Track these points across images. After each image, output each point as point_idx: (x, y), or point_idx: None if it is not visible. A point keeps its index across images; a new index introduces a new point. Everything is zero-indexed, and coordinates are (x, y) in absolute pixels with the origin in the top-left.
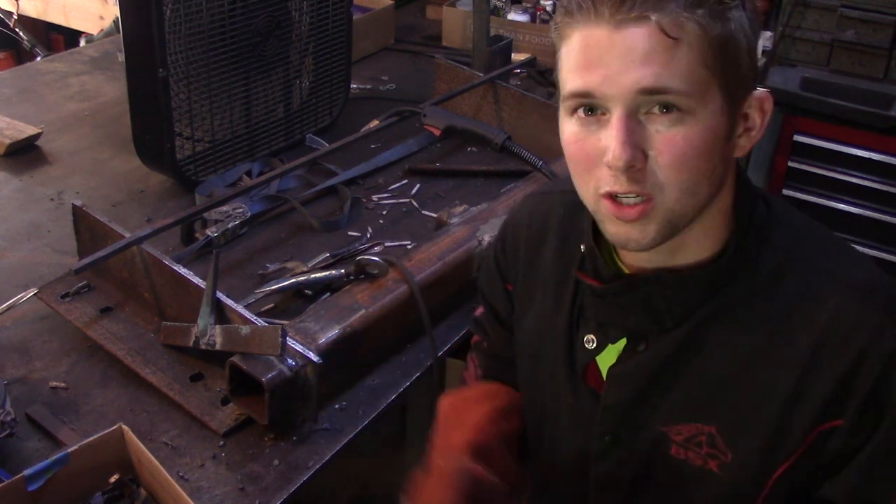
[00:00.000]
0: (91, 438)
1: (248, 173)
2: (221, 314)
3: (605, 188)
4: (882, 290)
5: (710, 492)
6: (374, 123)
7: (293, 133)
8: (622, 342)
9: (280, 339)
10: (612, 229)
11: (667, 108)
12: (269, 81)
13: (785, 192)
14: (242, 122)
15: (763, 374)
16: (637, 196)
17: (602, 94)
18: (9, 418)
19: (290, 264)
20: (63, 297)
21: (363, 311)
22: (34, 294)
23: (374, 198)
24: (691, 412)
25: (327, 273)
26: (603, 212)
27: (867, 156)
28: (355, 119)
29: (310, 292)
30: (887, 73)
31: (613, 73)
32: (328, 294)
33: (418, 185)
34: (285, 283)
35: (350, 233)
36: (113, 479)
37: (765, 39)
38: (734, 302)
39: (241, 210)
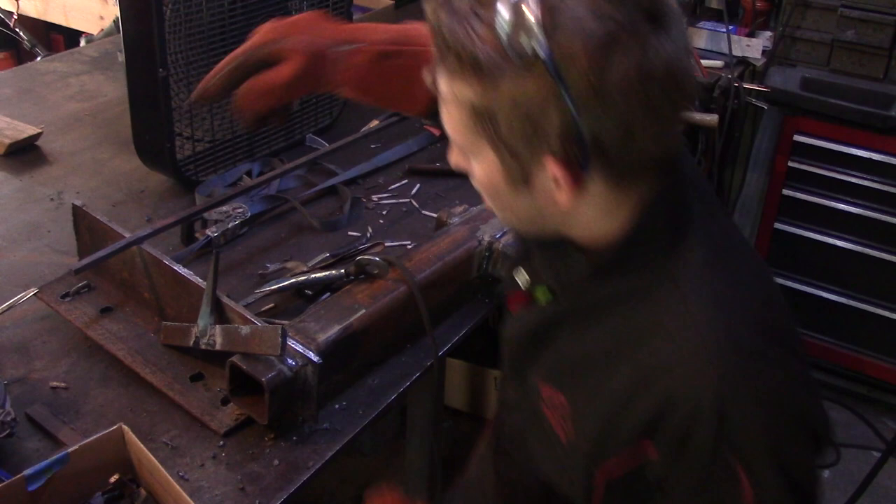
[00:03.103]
0: (91, 438)
1: (248, 173)
2: (221, 314)
3: None
4: (725, 341)
5: (561, 459)
6: (374, 123)
7: (293, 133)
8: (544, 289)
9: (280, 339)
10: None
11: None
12: None
13: (785, 192)
14: None
15: (605, 372)
16: None
17: None
18: (9, 418)
19: (290, 264)
20: (63, 297)
21: (363, 311)
22: (34, 294)
23: (374, 198)
24: (554, 377)
25: (327, 273)
26: None
27: (867, 156)
28: (355, 119)
29: (310, 292)
30: (887, 73)
31: None
32: (328, 294)
33: (418, 185)
34: (285, 283)
35: (350, 233)
36: (113, 479)
37: (765, 39)
38: (609, 297)
39: (241, 210)
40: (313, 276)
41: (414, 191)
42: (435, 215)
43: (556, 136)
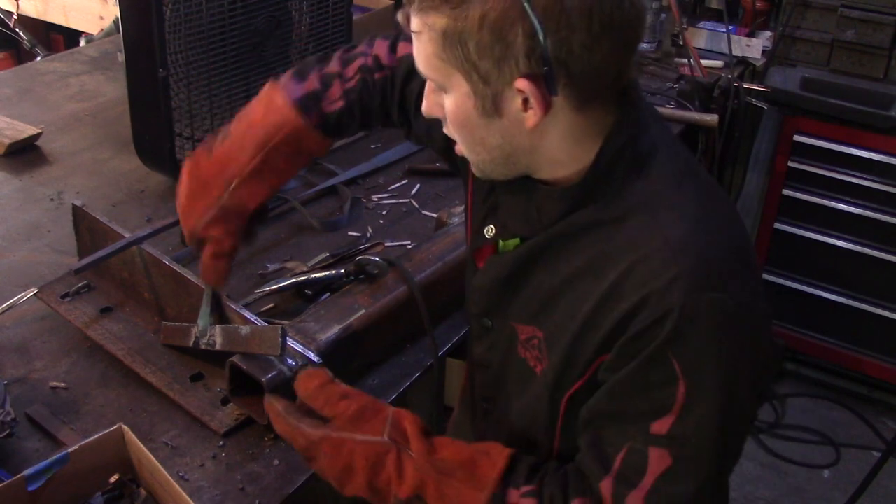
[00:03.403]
0: (91, 438)
1: None
2: (221, 314)
3: None
4: (695, 255)
5: (533, 393)
6: None
7: None
8: (516, 241)
9: (280, 339)
10: None
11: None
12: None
13: (785, 192)
14: None
15: (576, 296)
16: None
17: None
18: (9, 418)
19: (290, 264)
20: (63, 297)
21: (363, 311)
22: (34, 294)
23: (374, 198)
24: (530, 315)
25: (327, 273)
26: None
27: (867, 156)
28: None
29: (310, 292)
30: (887, 73)
31: None
32: (328, 294)
33: (418, 185)
34: (285, 283)
35: (350, 233)
36: (113, 479)
37: (765, 39)
38: (582, 226)
39: None
40: (313, 276)
41: (414, 191)
42: (435, 215)
43: (524, 54)
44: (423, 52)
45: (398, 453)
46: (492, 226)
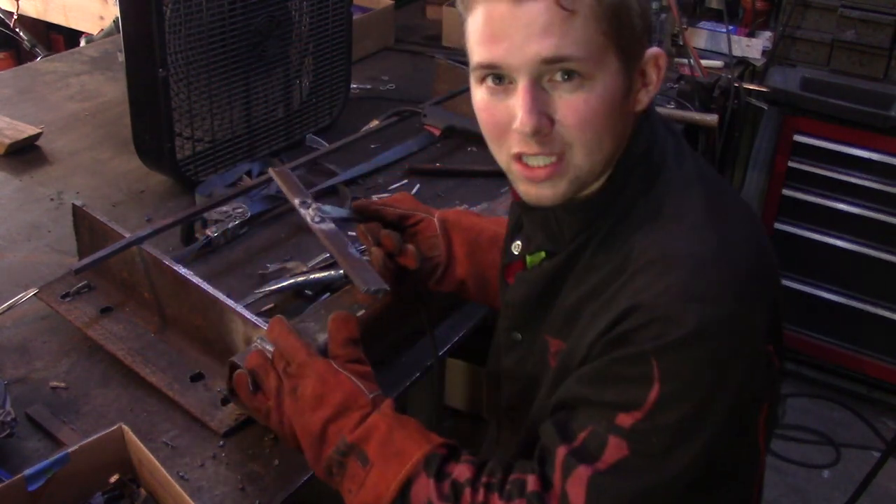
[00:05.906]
0: (91, 438)
1: (248, 173)
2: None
3: (516, 149)
4: (690, 266)
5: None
6: (374, 123)
7: (293, 133)
8: (541, 254)
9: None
10: (524, 188)
11: (568, 74)
12: (269, 81)
13: (785, 192)
14: (242, 122)
15: (594, 310)
16: (547, 157)
17: (507, 65)
18: (9, 418)
19: (290, 264)
20: (63, 297)
21: (363, 311)
22: (34, 294)
23: (374, 198)
24: (558, 328)
25: (327, 273)
26: (515, 173)
27: (867, 156)
28: (355, 119)
29: (310, 292)
30: (887, 73)
31: (516, 45)
32: (328, 294)
33: (418, 185)
34: (285, 283)
35: (350, 233)
36: (113, 479)
37: (765, 39)
38: (599, 242)
39: (241, 210)
40: (313, 276)
41: (414, 191)
42: None
43: (646, 26)
44: (581, 31)
45: (371, 409)
46: (518, 242)
